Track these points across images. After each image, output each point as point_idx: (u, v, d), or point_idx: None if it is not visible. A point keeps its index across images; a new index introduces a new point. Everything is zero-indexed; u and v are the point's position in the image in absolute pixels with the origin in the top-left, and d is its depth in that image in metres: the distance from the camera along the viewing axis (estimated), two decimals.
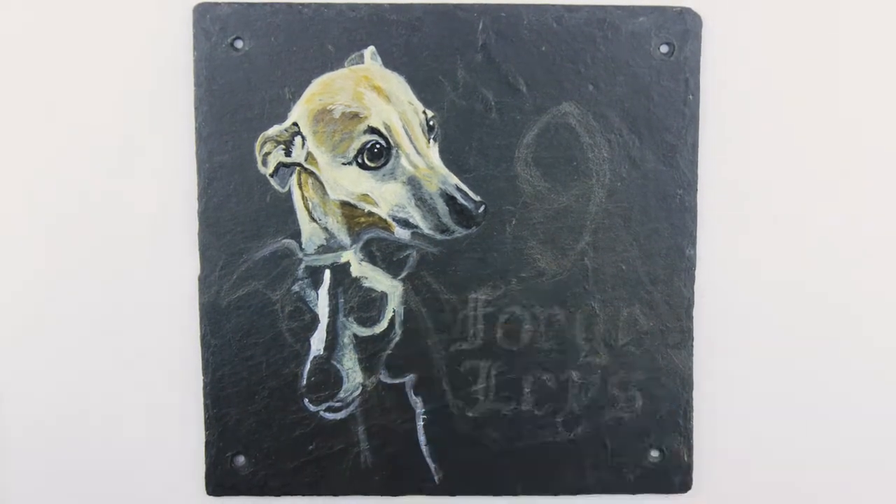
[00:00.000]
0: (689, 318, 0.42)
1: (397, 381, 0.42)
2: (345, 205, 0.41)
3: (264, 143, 0.41)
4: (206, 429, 0.42)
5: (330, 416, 0.42)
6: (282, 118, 0.41)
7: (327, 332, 0.42)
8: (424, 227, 0.41)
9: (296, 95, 0.41)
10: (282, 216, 0.41)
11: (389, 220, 0.41)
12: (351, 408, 0.42)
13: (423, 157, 0.41)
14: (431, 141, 0.41)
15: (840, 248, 0.43)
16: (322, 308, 0.41)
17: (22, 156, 0.42)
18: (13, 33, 0.42)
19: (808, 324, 0.43)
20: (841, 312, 0.43)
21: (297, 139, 0.41)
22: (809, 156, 0.43)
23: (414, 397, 0.42)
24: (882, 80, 0.42)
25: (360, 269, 0.42)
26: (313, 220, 0.41)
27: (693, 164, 0.42)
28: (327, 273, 0.41)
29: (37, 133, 0.42)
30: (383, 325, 0.42)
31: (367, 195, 0.41)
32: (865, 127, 0.43)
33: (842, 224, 0.43)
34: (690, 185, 0.42)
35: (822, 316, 0.43)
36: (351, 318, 0.42)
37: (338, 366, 0.42)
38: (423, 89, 0.41)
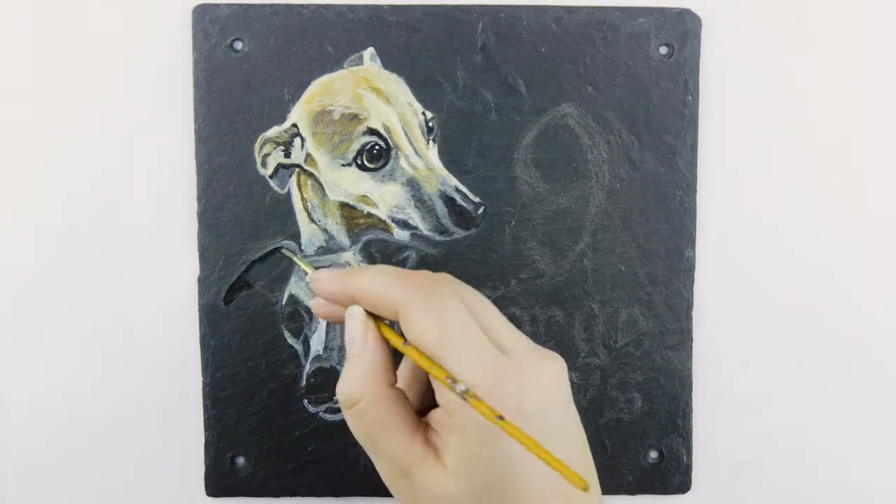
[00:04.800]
0: (689, 319, 0.42)
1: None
2: (344, 206, 0.41)
3: (263, 144, 0.41)
4: (206, 429, 0.42)
5: (330, 417, 0.42)
6: (281, 119, 0.41)
7: (327, 334, 0.42)
8: (424, 228, 0.41)
9: (295, 97, 0.41)
10: (281, 217, 0.41)
11: (389, 221, 0.41)
12: None
13: (422, 159, 0.41)
14: (431, 142, 0.41)
15: (840, 250, 0.43)
16: None
17: (19, 157, 0.42)
18: (10, 34, 0.42)
19: (807, 325, 0.43)
20: (841, 313, 0.43)
21: (297, 140, 0.41)
22: (810, 157, 0.43)
23: None
24: (883, 81, 0.42)
25: None
26: (313, 221, 0.41)
27: (692, 165, 0.42)
28: None
29: (34, 135, 0.42)
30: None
31: (367, 196, 0.41)
32: (867, 128, 0.43)
33: (842, 225, 0.43)
34: (690, 187, 0.42)
35: (821, 317, 0.43)
36: None
37: (337, 367, 0.42)
38: (423, 90, 0.41)
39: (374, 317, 0.32)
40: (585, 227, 0.42)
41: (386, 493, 0.42)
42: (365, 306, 0.32)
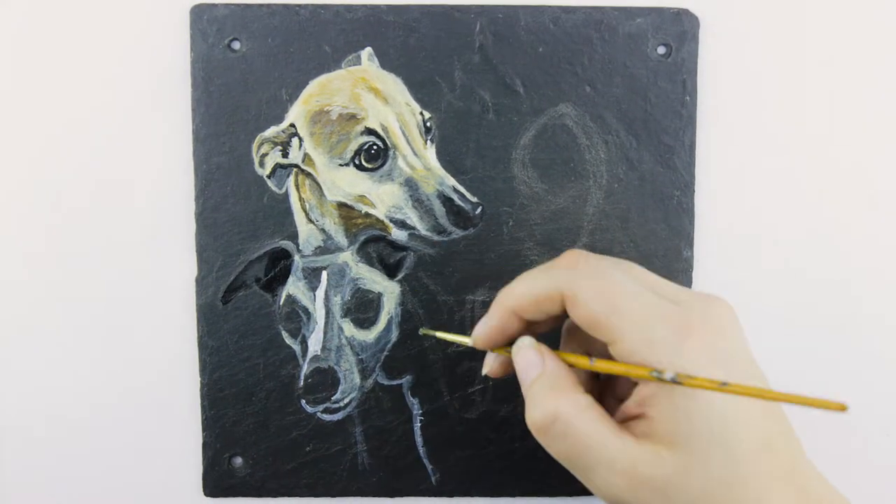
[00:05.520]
0: None
1: (394, 382, 0.42)
2: (342, 206, 0.41)
3: (261, 144, 0.41)
4: (204, 430, 0.42)
5: (327, 417, 0.42)
6: (279, 119, 0.41)
7: (324, 334, 0.42)
8: (422, 228, 0.41)
9: (293, 97, 0.41)
10: (279, 217, 0.41)
11: (387, 221, 0.41)
12: (348, 409, 0.42)
13: (420, 159, 0.41)
14: (428, 142, 0.41)
15: (840, 251, 0.43)
16: (319, 309, 0.41)
17: (16, 158, 0.42)
18: (7, 35, 0.42)
19: (806, 326, 0.43)
20: (840, 315, 0.43)
21: (295, 140, 0.41)
22: (808, 157, 0.43)
23: (411, 399, 0.42)
24: (881, 82, 0.42)
25: (357, 270, 0.42)
26: (310, 221, 0.41)
27: (690, 165, 0.42)
28: (324, 274, 0.41)
29: (31, 135, 0.42)
30: (380, 326, 0.42)
31: (365, 196, 0.41)
32: (865, 129, 0.43)
33: (841, 226, 0.43)
34: (688, 187, 0.42)
35: (820, 317, 0.43)
36: (348, 320, 0.42)
37: (335, 367, 0.42)
38: (420, 90, 0.41)
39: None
40: (583, 227, 0.42)
41: (385, 494, 0.42)
42: (529, 313, 0.32)
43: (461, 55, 0.41)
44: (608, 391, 0.33)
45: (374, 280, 0.42)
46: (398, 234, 0.41)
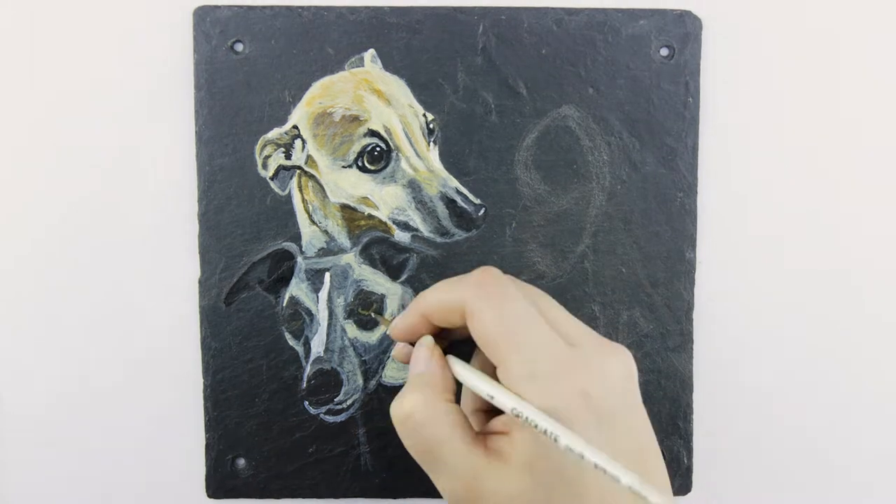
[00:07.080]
0: (690, 321, 0.42)
1: (398, 383, 0.42)
2: (345, 208, 0.41)
3: (264, 146, 0.41)
4: (207, 431, 0.42)
5: (330, 418, 0.42)
6: (282, 121, 0.41)
7: (327, 335, 0.42)
8: (425, 230, 0.41)
9: (296, 98, 0.41)
10: (282, 219, 0.41)
11: (390, 223, 0.41)
12: (351, 410, 0.42)
13: (423, 160, 0.41)
14: (431, 144, 0.41)
15: (841, 252, 0.43)
16: (322, 311, 0.41)
17: (20, 161, 0.42)
18: (10, 37, 0.42)
19: (808, 326, 0.43)
20: (842, 316, 0.43)
21: (298, 142, 0.41)
22: (810, 159, 0.43)
23: None
24: (883, 83, 0.42)
25: (360, 271, 0.42)
26: (313, 222, 0.41)
27: (693, 167, 0.42)
28: (327, 276, 0.42)
29: (35, 137, 0.42)
30: (383, 327, 0.42)
31: (368, 198, 0.41)
32: (867, 130, 0.43)
33: (843, 228, 0.43)
34: (691, 188, 0.42)
35: (822, 318, 0.43)
36: (351, 321, 0.42)
37: (338, 368, 0.42)
38: (424, 92, 0.41)
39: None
40: (586, 228, 0.42)
41: (388, 495, 0.42)
42: (436, 320, 0.33)
43: (464, 57, 0.41)
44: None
45: (377, 282, 0.42)
46: (401, 236, 0.41)
